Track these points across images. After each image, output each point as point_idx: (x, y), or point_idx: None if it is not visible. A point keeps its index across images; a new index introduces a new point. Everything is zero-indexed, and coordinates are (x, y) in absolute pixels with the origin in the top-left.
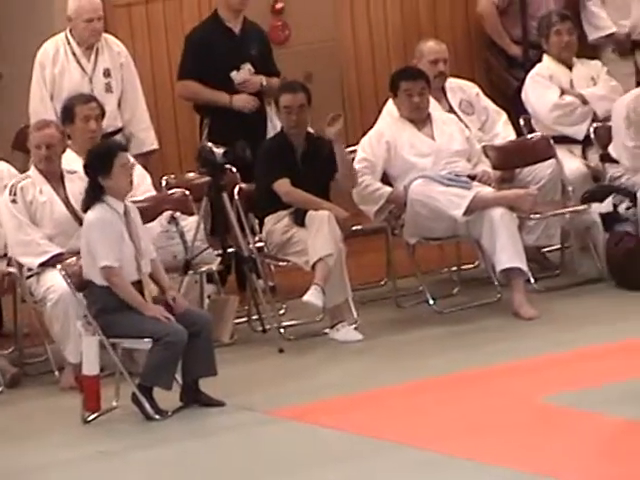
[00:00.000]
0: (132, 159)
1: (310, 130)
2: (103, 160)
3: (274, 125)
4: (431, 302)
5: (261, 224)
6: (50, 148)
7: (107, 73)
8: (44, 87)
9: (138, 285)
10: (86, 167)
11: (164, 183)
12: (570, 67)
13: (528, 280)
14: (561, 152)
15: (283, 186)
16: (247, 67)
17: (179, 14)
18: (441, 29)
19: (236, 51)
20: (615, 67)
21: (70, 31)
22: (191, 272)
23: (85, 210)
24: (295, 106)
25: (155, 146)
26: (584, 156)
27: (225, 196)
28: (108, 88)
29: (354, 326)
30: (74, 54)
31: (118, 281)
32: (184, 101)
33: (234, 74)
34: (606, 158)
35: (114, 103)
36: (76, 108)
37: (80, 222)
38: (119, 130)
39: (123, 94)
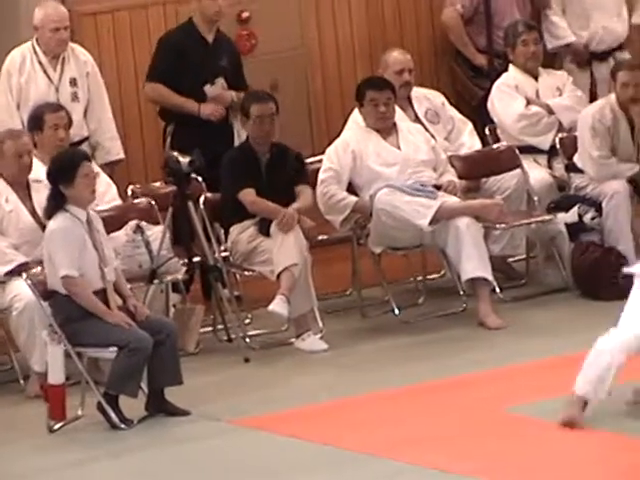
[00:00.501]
0: (97, 168)
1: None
2: (66, 169)
3: (239, 135)
4: (397, 312)
5: (226, 233)
6: (29, 156)
7: (73, 82)
8: (10, 96)
9: (103, 294)
10: (49, 175)
11: (130, 192)
12: (536, 77)
13: (494, 290)
14: (527, 162)
15: (248, 196)
16: (221, 82)
17: (145, 23)
18: (406, 38)
19: (207, 61)
20: (573, 77)
21: (36, 40)
22: (156, 281)
23: (48, 218)
24: (266, 115)
25: (121, 156)
26: (549, 166)
27: (191, 205)
28: (74, 97)
29: (319, 336)
30: (40, 63)
31: (78, 290)
32: (150, 110)
33: (207, 88)
34: (571, 168)
35: (80, 112)
36: (45, 116)
37: None
38: (85, 139)
39: (89, 103)
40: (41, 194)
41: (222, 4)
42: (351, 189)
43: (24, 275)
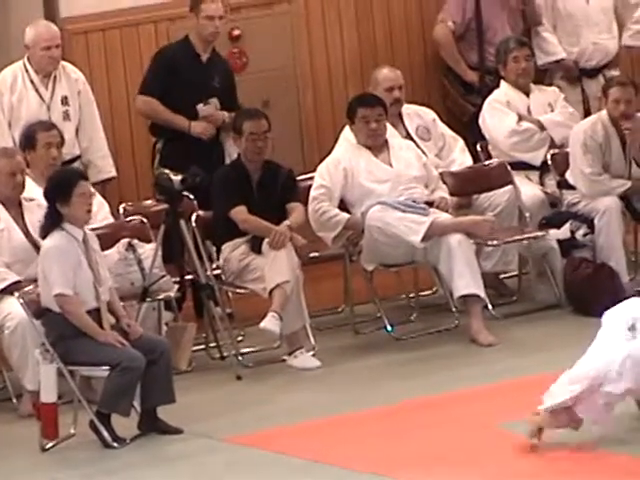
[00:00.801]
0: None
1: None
2: (62, 188)
3: (230, 154)
4: (389, 328)
5: (218, 251)
6: (22, 174)
7: (65, 101)
8: (2, 114)
9: (96, 313)
10: (46, 193)
11: (122, 210)
12: (527, 93)
13: (486, 306)
14: (518, 178)
15: (240, 214)
16: (214, 102)
17: (136, 42)
18: (397, 55)
19: (200, 79)
20: (564, 94)
21: (28, 59)
22: (149, 299)
23: (44, 237)
24: (260, 132)
25: (113, 174)
26: (541, 182)
27: (183, 223)
28: (66, 116)
29: (312, 353)
30: (32, 82)
31: (72, 309)
32: (142, 129)
33: (200, 107)
34: (563, 184)
35: (72, 131)
36: (38, 135)
37: (38, 250)
38: (77, 158)
39: (81, 122)
40: (34, 213)
41: (219, 25)
42: (343, 206)
43: (16, 294)
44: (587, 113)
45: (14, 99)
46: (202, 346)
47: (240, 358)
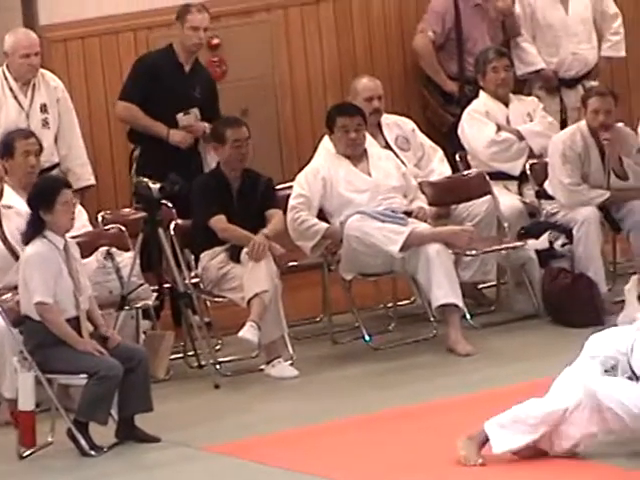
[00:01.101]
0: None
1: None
2: (46, 195)
3: (208, 163)
4: (367, 338)
5: (197, 260)
6: (1, 182)
7: (44, 109)
8: None
9: (76, 321)
10: (29, 200)
11: (100, 219)
12: (506, 103)
13: (464, 316)
14: (497, 188)
15: (219, 223)
16: (195, 112)
17: (116, 50)
18: (377, 64)
19: (181, 89)
20: (542, 104)
21: (7, 66)
22: (127, 308)
23: (26, 243)
24: (243, 139)
25: (92, 182)
26: (520, 192)
27: (161, 232)
28: (45, 123)
29: (290, 362)
30: (11, 89)
31: (51, 317)
32: (121, 137)
33: (180, 116)
34: (542, 194)
35: (51, 138)
36: (16, 143)
37: (17, 258)
38: (55, 165)
39: (60, 130)
40: (12, 221)
41: (203, 36)
42: (322, 216)
43: None
44: (564, 123)
45: None
46: (180, 355)
47: (218, 367)
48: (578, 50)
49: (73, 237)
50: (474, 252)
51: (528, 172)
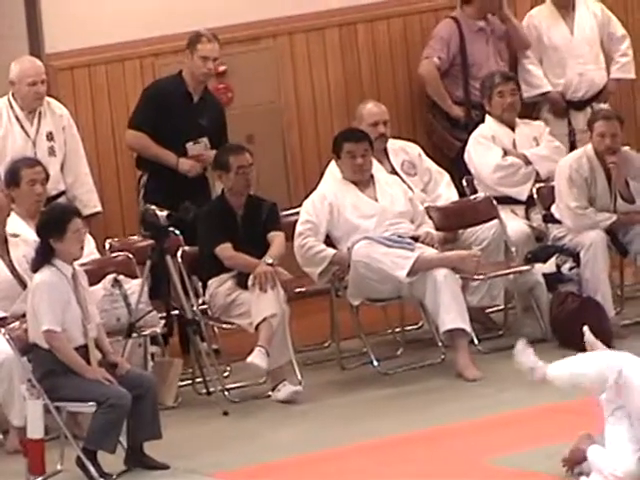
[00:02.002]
0: None
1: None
2: (57, 223)
3: (217, 191)
4: (375, 363)
5: (204, 286)
6: (3, 212)
7: (50, 137)
8: None
9: (84, 350)
10: (40, 228)
11: (108, 246)
12: (513, 128)
13: (472, 341)
14: (504, 212)
15: (225, 251)
16: (204, 142)
17: (121, 77)
18: (383, 90)
19: (190, 119)
20: (550, 127)
21: (12, 95)
22: (135, 335)
23: (34, 271)
24: (247, 165)
25: (98, 209)
26: (527, 216)
27: (169, 259)
28: (51, 152)
29: (298, 388)
30: (17, 118)
31: (60, 345)
32: (127, 164)
33: (190, 145)
34: (549, 218)
35: (57, 166)
36: (22, 172)
37: (24, 286)
38: (62, 193)
39: (66, 157)
40: (19, 248)
41: (212, 66)
42: (329, 241)
43: (2, 330)
44: (573, 146)
45: None
46: (188, 381)
47: (226, 394)
48: (584, 71)
49: (81, 265)
50: (482, 277)
51: (535, 196)
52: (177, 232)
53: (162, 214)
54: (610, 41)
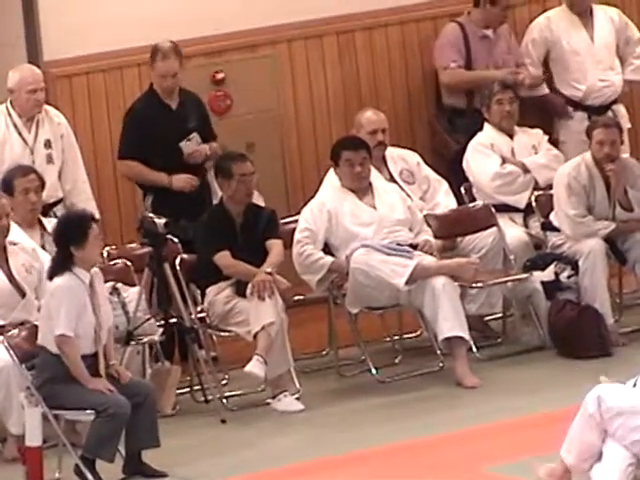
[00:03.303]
0: None
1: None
2: (78, 230)
3: (217, 194)
4: (373, 371)
5: (203, 294)
6: (7, 219)
7: (48, 144)
8: None
9: (93, 358)
10: (59, 236)
11: (105, 254)
12: (511, 136)
13: (470, 349)
14: (502, 220)
15: (223, 259)
16: (195, 138)
17: (120, 84)
18: (381, 96)
19: (175, 127)
20: (570, 133)
21: (11, 102)
22: (133, 343)
23: (50, 278)
24: (249, 173)
25: (96, 216)
26: (525, 224)
27: (167, 267)
28: (49, 159)
29: (296, 396)
30: (15, 125)
31: (69, 351)
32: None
33: (183, 144)
34: (547, 226)
35: (55, 174)
36: (15, 181)
37: (23, 294)
38: (60, 201)
39: (64, 165)
40: (17, 256)
41: (172, 82)
42: (327, 249)
43: (1, 338)
44: None
45: None
46: (187, 389)
47: (225, 401)
48: (605, 76)
49: None
50: (480, 284)
51: (533, 204)
52: (175, 240)
53: (160, 222)
54: (626, 45)
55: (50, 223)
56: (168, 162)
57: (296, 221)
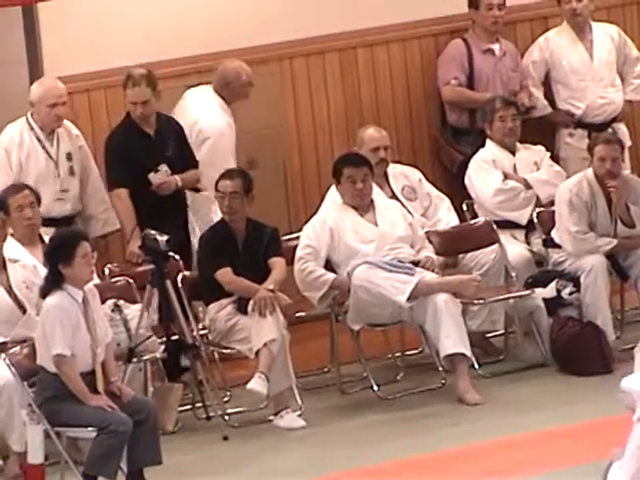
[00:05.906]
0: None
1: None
2: (65, 248)
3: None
4: (375, 388)
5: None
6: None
7: (69, 157)
8: (10, 173)
9: (91, 376)
10: (47, 254)
11: (107, 271)
12: (513, 152)
13: (472, 365)
14: (504, 237)
15: (225, 275)
16: (164, 169)
17: (121, 101)
18: (383, 113)
19: (153, 154)
20: (571, 150)
21: (32, 115)
22: (135, 360)
23: (43, 296)
24: (227, 192)
25: (117, 226)
26: (527, 241)
27: (169, 284)
28: (71, 171)
29: (298, 413)
30: (39, 139)
31: (68, 370)
32: None
33: (152, 176)
34: (549, 243)
35: (77, 185)
36: (9, 200)
37: (24, 311)
38: (80, 212)
39: (83, 177)
40: (18, 273)
41: (141, 110)
42: (329, 266)
43: (2, 355)
44: None
45: (23, 157)
46: (189, 406)
47: (227, 418)
48: (606, 94)
49: None
50: (482, 301)
51: (535, 221)
52: (177, 257)
53: (162, 239)
54: (625, 63)
55: None
56: (145, 189)
57: (298, 238)
